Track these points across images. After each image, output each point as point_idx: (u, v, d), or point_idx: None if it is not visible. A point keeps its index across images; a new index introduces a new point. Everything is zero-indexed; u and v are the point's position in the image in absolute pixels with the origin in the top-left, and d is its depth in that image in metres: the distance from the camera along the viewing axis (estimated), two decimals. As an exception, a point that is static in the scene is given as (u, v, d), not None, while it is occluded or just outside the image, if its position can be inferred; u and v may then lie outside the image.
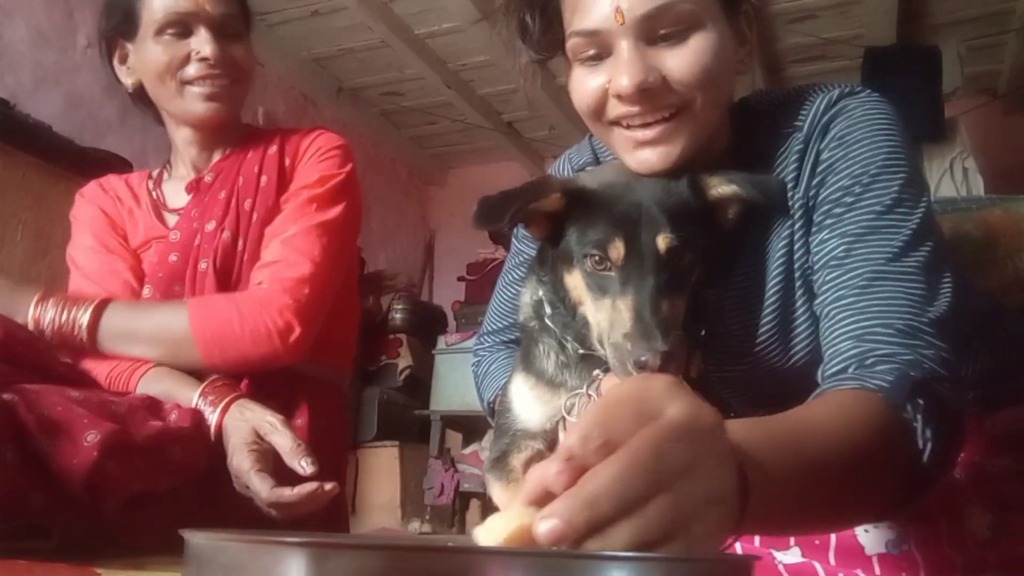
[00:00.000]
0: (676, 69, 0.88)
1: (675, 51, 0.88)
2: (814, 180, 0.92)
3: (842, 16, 3.74)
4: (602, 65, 0.91)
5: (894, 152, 0.90)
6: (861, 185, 0.89)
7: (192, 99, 1.42)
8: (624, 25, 0.86)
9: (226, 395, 1.25)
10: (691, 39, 0.88)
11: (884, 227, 0.86)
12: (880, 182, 0.88)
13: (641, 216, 0.83)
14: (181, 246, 1.41)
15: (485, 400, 1.24)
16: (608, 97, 0.91)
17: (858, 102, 0.93)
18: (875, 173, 0.88)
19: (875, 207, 0.87)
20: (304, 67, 4.26)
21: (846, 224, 0.88)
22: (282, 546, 0.40)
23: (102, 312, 1.30)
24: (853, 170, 0.90)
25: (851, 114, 0.92)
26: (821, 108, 0.93)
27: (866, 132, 0.91)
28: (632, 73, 0.86)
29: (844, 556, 0.83)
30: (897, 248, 0.85)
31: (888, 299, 0.83)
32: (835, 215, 0.90)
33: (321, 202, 1.41)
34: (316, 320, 1.36)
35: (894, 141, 0.91)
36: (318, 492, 1.13)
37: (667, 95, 0.89)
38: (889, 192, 0.88)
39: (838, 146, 0.91)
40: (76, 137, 2.83)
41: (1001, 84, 4.26)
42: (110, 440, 1.03)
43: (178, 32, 1.40)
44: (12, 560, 0.90)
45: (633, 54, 0.87)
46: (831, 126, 0.92)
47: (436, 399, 4.11)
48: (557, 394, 1.01)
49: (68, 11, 3.05)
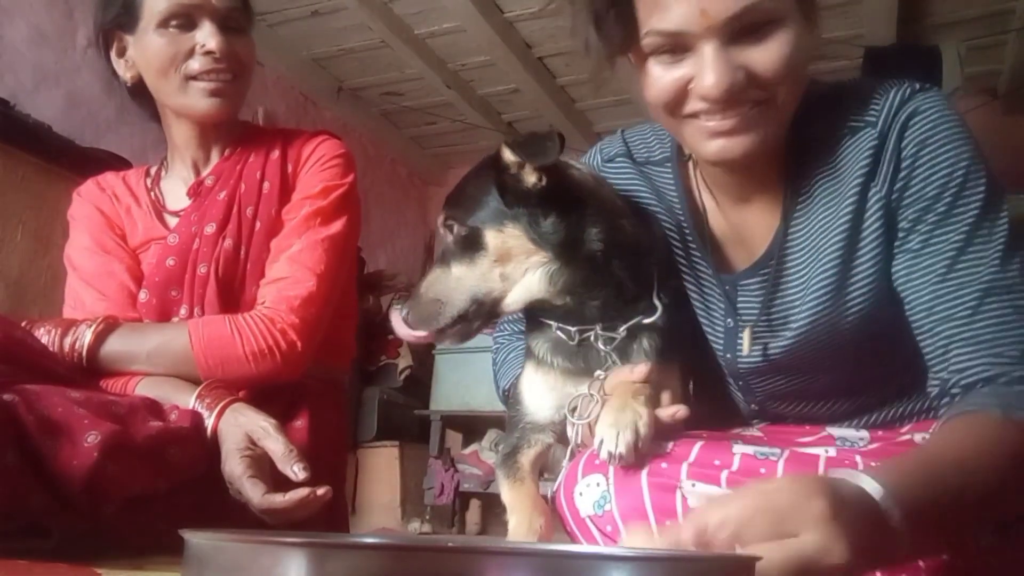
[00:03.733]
0: (760, 66, 0.88)
1: (758, 48, 0.88)
2: (898, 179, 0.93)
3: (842, 16, 3.73)
4: (682, 60, 0.90)
5: (975, 157, 0.92)
6: (951, 194, 0.90)
7: (195, 94, 1.40)
8: (709, 27, 0.86)
9: (222, 399, 1.25)
10: (773, 35, 0.88)
11: (980, 239, 0.89)
12: (968, 191, 0.90)
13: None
14: (179, 250, 1.41)
15: (500, 388, 1.24)
16: (688, 92, 0.91)
17: (932, 102, 0.94)
18: (961, 181, 0.90)
19: (968, 219, 0.90)
20: (304, 67, 4.25)
21: (941, 239, 0.91)
22: (282, 546, 0.40)
23: (103, 336, 1.30)
24: (939, 178, 0.91)
25: (927, 115, 0.93)
26: (896, 104, 0.94)
27: (947, 135, 0.92)
28: (720, 77, 0.87)
29: None
30: (998, 259, 0.88)
31: (1003, 315, 0.86)
32: (926, 228, 0.91)
33: (325, 215, 1.42)
34: (318, 335, 1.38)
35: (972, 144, 0.92)
36: (310, 498, 1.13)
37: (751, 91, 0.89)
38: (976, 200, 0.90)
39: (920, 148, 0.92)
40: (76, 137, 2.83)
41: (1001, 84, 4.26)
42: (110, 441, 1.03)
43: (182, 24, 1.38)
44: (12, 560, 0.90)
45: (720, 56, 0.87)
46: (909, 124, 0.93)
47: (436, 399, 4.11)
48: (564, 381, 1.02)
49: (68, 11, 3.04)
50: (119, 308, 1.39)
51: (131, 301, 1.40)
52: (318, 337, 1.38)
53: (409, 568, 0.40)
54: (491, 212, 0.99)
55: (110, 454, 1.02)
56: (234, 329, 1.30)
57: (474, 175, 1.04)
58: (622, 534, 0.87)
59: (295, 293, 1.34)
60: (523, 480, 1.03)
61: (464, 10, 3.62)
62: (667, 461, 0.91)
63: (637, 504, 0.89)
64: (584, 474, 0.95)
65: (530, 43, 4.02)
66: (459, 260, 1.00)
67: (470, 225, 0.99)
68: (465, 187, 1.04)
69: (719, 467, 0.89)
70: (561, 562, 0.43)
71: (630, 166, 1.15)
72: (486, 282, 0.99)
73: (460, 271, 1.00)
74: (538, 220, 0.97)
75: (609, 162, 1.17)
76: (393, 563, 0.40)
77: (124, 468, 1.06)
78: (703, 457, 0.91)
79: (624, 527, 0.87)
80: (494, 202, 0.99)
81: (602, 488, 0.92)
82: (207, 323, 1.32)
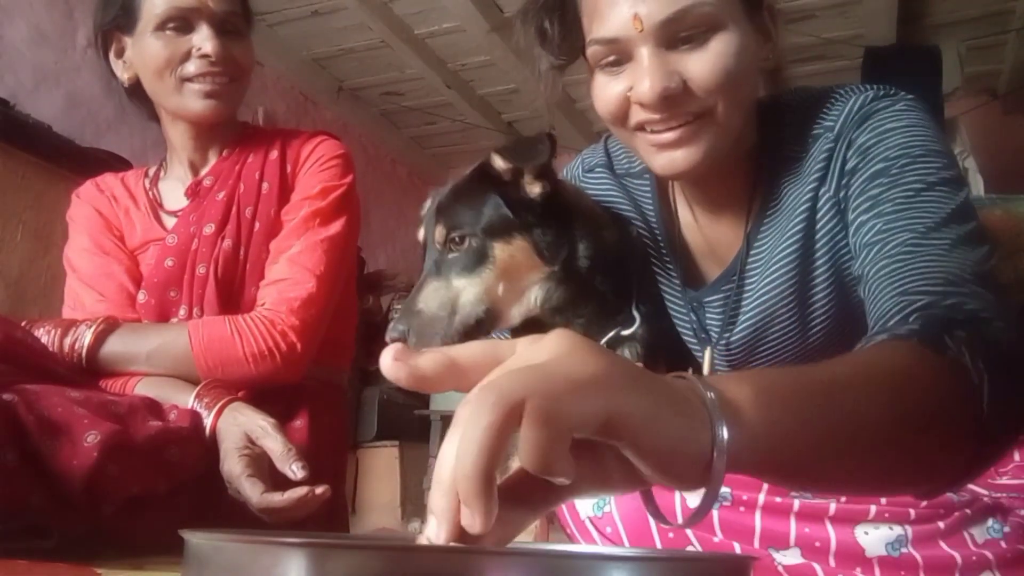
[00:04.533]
0: (697, 74, 0.86)
1: (696, 55, 0.87)
2: (845, 173, 0.90)
3: (842, 16, 3.73)
4: (623, 71, 0.90)
5: (932, 141, 0.88)
6: (898, 167, 0.86)
7: (191, 96, 1.41)
8: (643, 32, 0.85)
9: (221, 398, 1.25)
10: (711, 42, 0.86)
11: (926, 202, 0.83)
12: (920, 163, 0.86)
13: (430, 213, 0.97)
14: (177, 251, 1.41)
15: None
16: (630, 103, 0.90)
17: (895, 103, 0.91)
18: (916, 155, 0.86)
19: (915, 185, 0.84)
20: (304, 67, 4.25)
21: (884, 203, 0.86)
22: (282, 546, 0.40)
23: (102, 337, 1.30)
24: (889, 153, 0.87)
25: (886, 112, 0.90)
26: (856, 107, 0.92)
27: (903, 124, 0.89)
28: (653, 81, 0.86)
29: (845, 558, 0.83)
30: (939, 220, 0.81)
31: (929, 263, 0.78)
32: (872, 196, 0.87)
33: (324, 216, 1.42)
34: (318, 337, 1.38)
35: (931, 134, 0.89)
36: (308, 497, 1.12)
37: (689, 100, 0.88)
38: (929, 173, 0.85)
39: (873, 135, 0.89)
40: (76, 137, 2.83)
41: (1001, 84, 4.26)
42: (110, 441, 1.03)
43: (179, 27, 1.38)
44: (12, 560, 0.90)
45: (653, 61, 0.86)
46: (865, 124, 0.90)
47: (436, 399, 4.10)
48: None
49: (68, 11, 3.04)
50: (118, 309, 1.39)
51: (130, 302, 1.40)
52: (318, 338, 1.38)
53: (409, 568, 0.40)
54: (500, 223, 0.95)
55: (110, 454, 1.02)
56: (234, 330, 1.30)
57: (466, 185, 1.01)
58: (623, 536, 0.88)
59: (295, 294, 1.35)
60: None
61: (464, 10, 3.62)
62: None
63: (636, 505, 0.89)
64: (584, 475, 0.94)
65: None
66: (459, 273, 0.96)
67: (475, 236, 0.96)
68: (460, 197, 1.01)
69: None
70: (561, 562, 0.43)
71: (609, 177, 1.14)
72: (489, 297, 0.96)
73: (462, 284, 0.96)
74: (544, 233, 0.95)
75: (589, 172, 1.16)
76: (393, 563, 0.40)
77: (124, 468, 1.06)
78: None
79: (624, 529, 0.88)
80: (499, 213, 0.95)
81: (602, 489, 0.92)
82: (207, 324, 1.32)
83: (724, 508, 0.85)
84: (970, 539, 0.83)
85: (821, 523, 0.83)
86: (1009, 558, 0.82)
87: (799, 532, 0.83)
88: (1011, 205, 1.34)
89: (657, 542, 0.86)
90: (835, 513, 0.83)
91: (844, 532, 0.83)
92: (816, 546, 0.83)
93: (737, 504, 0.85)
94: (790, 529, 0.83)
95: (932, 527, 0.83)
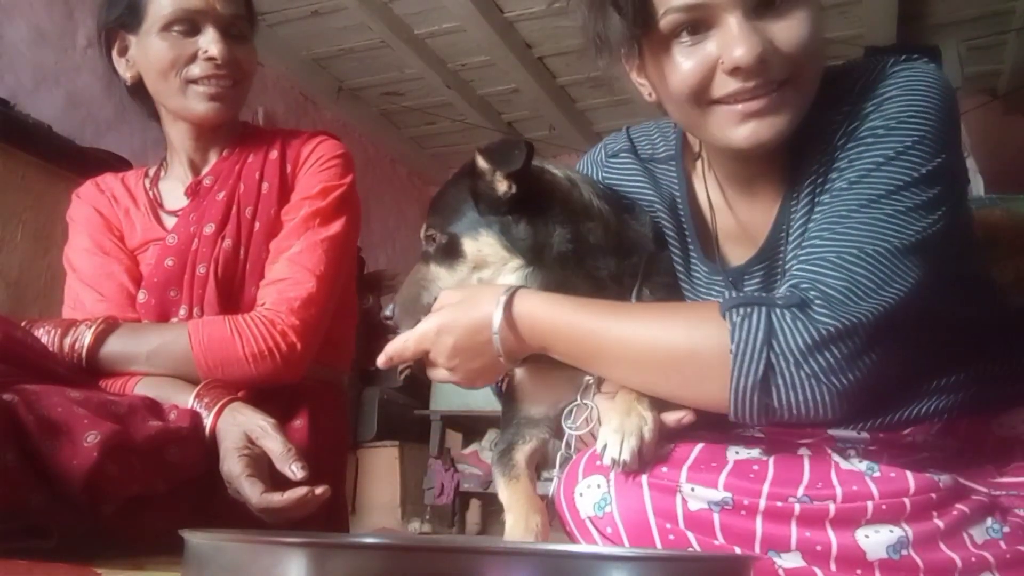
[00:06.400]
0: (786, 41, 0.88)
1: (782, 23, 0.88)
2: (846, 134, 0.93)
3: (842, 16, 3.73)
4: (703, 41, 0.90)
5: (926, 102, 0.90)
6: (875, 136, 0.89)
7: (194, 98, 1.41)
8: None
9: (220, 398, 1.25)
10: (794, 11, 0.88)
11: (884, 175, 0.87)
12: (903, 128, 0.88)
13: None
14: (177, 250, 1.41)
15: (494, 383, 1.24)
16: (715, 75, 0.90)
17: (908, 66, 0.93)
18: (903, 118, 0.89)
19: (884, 154, 0.88)
20: (304, 67, 4.25)
21: (856, 165, 0.89)
22: (282, 546, 0.40)
23: (102, 337, 1.30)
24: (876, 122, 0.90)
25: (898, 75, 0.93)
26: (876, 72, 0.94)
27: (903, 89, 0.91)
28: (751, 45, 0.86)
29: (846, 562, 0.82)
30: (891, 188, 0.86)
31: (840, 239, 0.86)
32: (839, 168, 0.91)
33: (324, 216, 1.42)
34: (318, 337, 1.38)
35: (928, 101, 0.90)
36: (308, 497, 1.13)
37: (775, 68, 0.89)
38: (906, 137, 0.88)
39: (873, 103, 0.92)
40: (76, 137, 2.83)
41: (1001, 84, 4.26)
42: (110, 441, 1.03)
43: (185, 29, 1.39)
44: (12, 560, 0.90)
45: (745, 26, 0.87)
46: (876, 88, 0.93)
47: (436, 399, 4.11)
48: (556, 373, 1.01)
49: (68, 11, 3.04)
50: (118, 309, 1.39)
51: (130, 302, 1.41)
52: (318, 338, 1.38)
53: (409, 568, 0.40)
54: (467, 220, 1.01)
55: (110, 454, 1.02)
56: (234, 330, 1.30)
57: (452, 183, 1.07)
58: (623, 536, 0.87)
59: (295, 294, 1.35)
60: (518, 478, 1.03)
61: (464, 10, 3.62)
62: (667, 464, 0.91)
63: (637, 506, 0.89)
64: (585, 475, 0.94)
65: (530, 43, 4.02)
66: (438, 264, 1.04)
67: (448, 233, 1.02)
68: (445, 195, 1.07)
69: (716, 469, 0.88)
70: (561, 562, 0.43)
71: (634, 162, 1.15)
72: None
73: (439, 273, 1.04)
74: (510, 227, 0.99)
75: (613, 157, 1.18)
76: (393, 563, 0.40)
77: (124, 468, 1.06)
78: (702, 460, 0.90)
79: (624, 529, 0.87)
80: (470, 210, 1.01)
81: (603, 490, 0.91)
82: (207, 324, 1.32)
83: (725, 512, 0.85)
84: (969, 540, 0.83)
85: (822, 527, 0.83)
86: (1008, 559, 0.82)
87: (800, 536, 0.83)
88: (1011, 205, 1.34)
89: (657, 542, 0.86)
90: (835, 515, 0.83)
91: (845, 536, 0.82)
92: (817, 550, 0.83)
93: (738, 508, 0.85)
94: (791, 533, 0.83)
95: (932, 527, 0.82)
